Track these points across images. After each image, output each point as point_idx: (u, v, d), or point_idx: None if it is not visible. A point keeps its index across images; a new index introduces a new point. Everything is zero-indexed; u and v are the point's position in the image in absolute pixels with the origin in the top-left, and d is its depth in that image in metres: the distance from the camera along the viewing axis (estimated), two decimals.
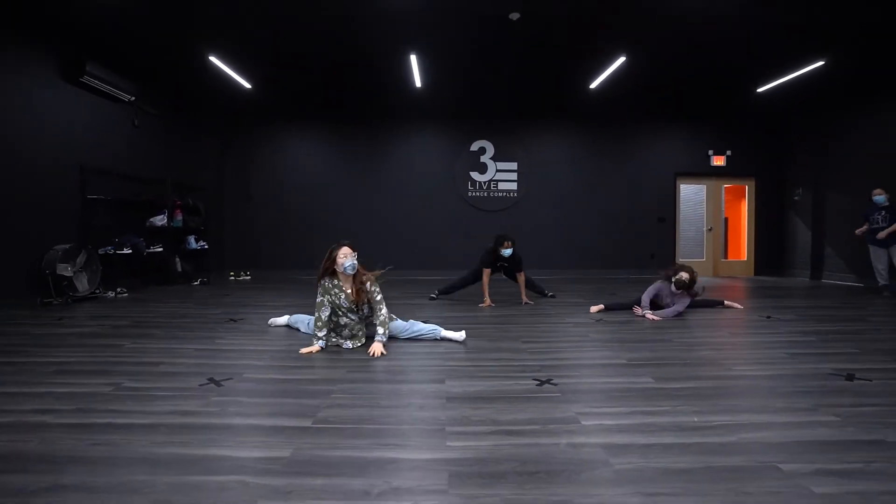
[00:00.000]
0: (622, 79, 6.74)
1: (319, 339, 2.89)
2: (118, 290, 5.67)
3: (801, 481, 1.37)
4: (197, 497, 1.28)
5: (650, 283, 4.47)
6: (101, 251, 5.51)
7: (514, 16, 4.85)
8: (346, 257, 2.88)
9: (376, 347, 2.78)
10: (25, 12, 4.81)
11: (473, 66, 6.49)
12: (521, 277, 5.00)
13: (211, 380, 2.33)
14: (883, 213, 5.85)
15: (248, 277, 8.09)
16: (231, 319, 2.20)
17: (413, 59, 5.97)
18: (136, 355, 2.79)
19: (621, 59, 5.96)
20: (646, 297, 4.20)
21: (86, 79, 5.37)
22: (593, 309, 4.43)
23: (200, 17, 5.14)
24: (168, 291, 5.98)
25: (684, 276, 4.15)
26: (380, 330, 2.89)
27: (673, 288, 4.18)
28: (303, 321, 3.51)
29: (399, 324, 3.17)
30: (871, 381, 2.34)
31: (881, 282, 5.94)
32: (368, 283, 2.94)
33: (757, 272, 8.65)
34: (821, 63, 6.02)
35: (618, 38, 5.58)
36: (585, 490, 1.33)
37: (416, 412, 1.94)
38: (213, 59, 5.95)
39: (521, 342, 3.21)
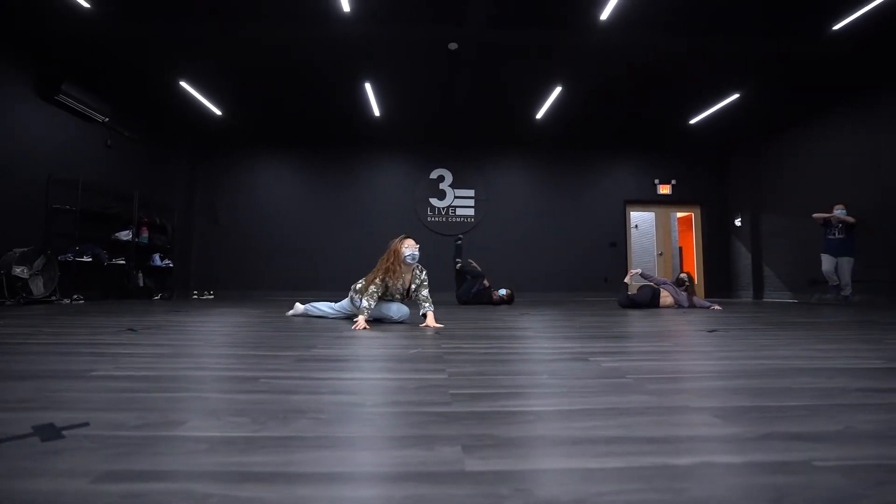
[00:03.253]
0: (567, 109, 7.36)
1: (368, 308, 2.92)
2: (74, 296, 5.80)
3: (599, 362, 1.63)
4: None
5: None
6: (60, 257, 5.69)
7: (453, 46, 5.43)
8: (409, 248, 3.09)
9: (430, 321, 2.93)
10: (4, 31, 5.24)
11: (427, 97, 7.06)
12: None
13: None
14: (840, 225, 6.13)
15: (211, 297, 8.21)
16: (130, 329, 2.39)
17: (368, 87, 6.52)
18: None
19: (558, 90, 6.57)
20: (655, 278, 5.56)
21: (61, 97, 5.75)
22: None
23: (171, 45, 5.66)
24: (121, 304, 6.11)
25: (683, 275, 5.60)
26: (426, 304, 3.05)
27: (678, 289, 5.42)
28: (325, 306, 3.60)
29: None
30: (728, 332, 2.63)
31: (832, 284, 6.20)
32: (424, 273, 3.19)
33: (707, 294, 9.01)
34: (736, 96, 6.70)
35: (552, 70, 6.19)
36: (410, 365, 1.57)
37: (297, 341, 2.17)
38: (183, 84, 6.42)
39: (443, 320, 3.45)
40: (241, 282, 8.55)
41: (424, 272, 3.21)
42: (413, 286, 3.18)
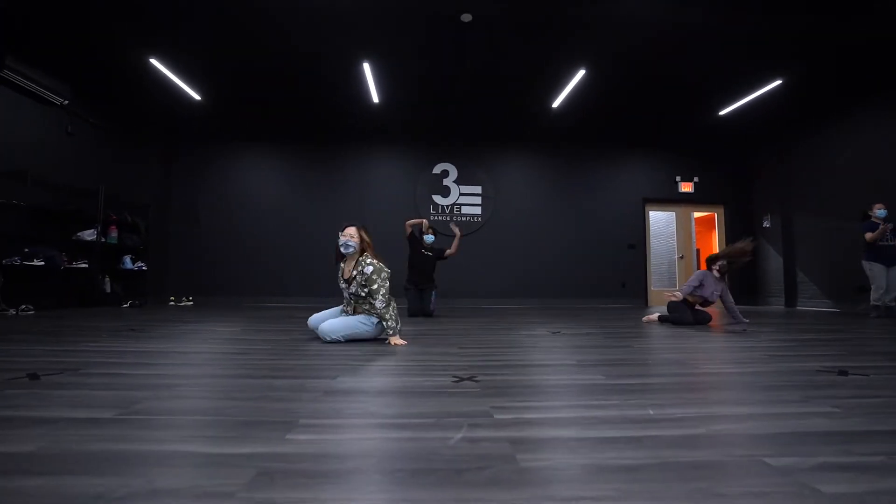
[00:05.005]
0: (586, 99, 6.63)
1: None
2: (22, 307, 4.97)
3: (800, 478, 0.89)
4: None
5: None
6: (5, 261, 4.87)
7: (466, 17, 4.67)
8: (346, 236, 2.87)
9: (394, 340, 2.70)
10: None
11: (431, 80, 6.29)
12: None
13: None
14: (891, 226, 5.37)
15: (191, 303, 7.40)
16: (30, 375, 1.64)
17: (366, 67, 5.73)
18: None
19: (581, 73, 5.83)
20: (686, 288, 4.24)
21: (6, 73, 4.92)
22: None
23: (137, 14, 4.84)
24: (80, 313, 5.28)
25: (724, 263, 4.22)
26: (384, 324, 2.75)
27: (716, 274, 4.19)
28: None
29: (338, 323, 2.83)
30: (867, 375, 1.90)
31: (875, 302, 5.41)
32: (369, 268, 2.77)
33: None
34: (778, 82, 5.99)
35: (575, 50, 5.46)
36: (461, 494, 0.82)
37: (271, 404, 1.41)
38: (154, 62, 5.60)
39: (457, 347, 2.70)
40: (225, 286, 7.73)
41: (379, 277, 2.77)
42: (358, 285, 2.82)
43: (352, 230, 2.89)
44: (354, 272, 2.83)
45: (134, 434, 1.13)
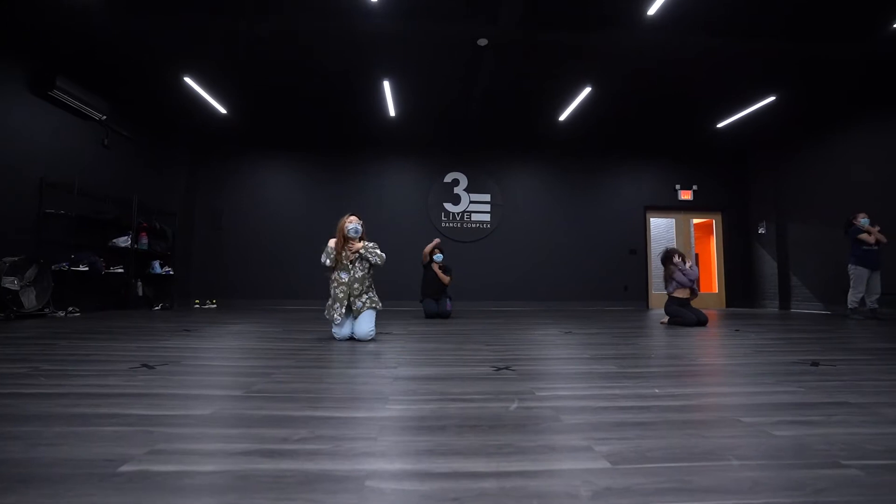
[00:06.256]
0: (590, 112, 7.04)
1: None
2: (69, 309, 5.36)
3: (762, 429, 1.28)
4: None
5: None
6: (54, 267, 5.26)
7: (482, 41, 5.07)
8: (354, 223, 3.45)
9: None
10: None
11: (446, 96, 6.70)
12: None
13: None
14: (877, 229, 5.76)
15: (214, 306, 7.79)
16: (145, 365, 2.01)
17: (386, 85, 6.14)
18: None
19: (587, 91, 6.24)
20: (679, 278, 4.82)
21: (55, 93, 5.32)
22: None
23: (176, 38, 5.25)
24: (121, 315, 5.67)
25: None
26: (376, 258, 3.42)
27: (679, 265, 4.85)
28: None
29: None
30: (834, 366, 2.30)
31: (853, 304, 5.82)
32: (373, 244, 3.47)
33: (728, 304, 8.74)
34: (772, 98, 6.40)
35: (582, 70, 5.86)
36: (528, 437, 1.21)
37: (358, 387, 1.80)
38: (187, 80, 6.01)
39: (484, 344, 3.09)
40: (246, 290, 8.13)
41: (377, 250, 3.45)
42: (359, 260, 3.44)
43: (355, 218, 3.51)
44: (365, 243, 3.50)
45: (274, 405, 1.51)
